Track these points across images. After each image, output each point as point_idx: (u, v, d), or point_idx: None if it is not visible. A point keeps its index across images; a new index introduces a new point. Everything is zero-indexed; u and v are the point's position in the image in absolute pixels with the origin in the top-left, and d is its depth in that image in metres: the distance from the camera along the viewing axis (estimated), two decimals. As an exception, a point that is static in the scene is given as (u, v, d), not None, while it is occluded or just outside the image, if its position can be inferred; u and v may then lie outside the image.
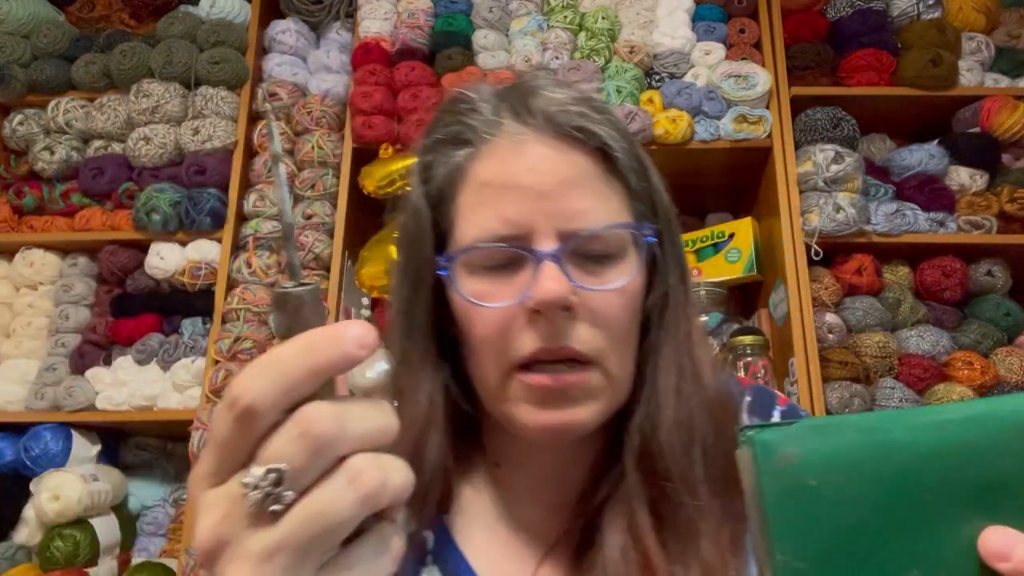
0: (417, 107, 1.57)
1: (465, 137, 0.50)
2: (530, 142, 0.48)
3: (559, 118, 0.48)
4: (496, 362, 0.48)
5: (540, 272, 0.45)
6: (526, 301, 0.46)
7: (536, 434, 0.49)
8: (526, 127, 0.49)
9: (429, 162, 0.52)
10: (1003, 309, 1.50)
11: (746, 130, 1.56)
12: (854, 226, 1.48)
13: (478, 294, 0.47)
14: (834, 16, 1.68)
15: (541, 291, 0.45)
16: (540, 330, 0.46)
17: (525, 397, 0.47)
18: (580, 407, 0.47)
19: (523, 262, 0.47)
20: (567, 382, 0.46)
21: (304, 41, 1.74)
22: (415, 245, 0.51)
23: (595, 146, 0.49)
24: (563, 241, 0.46)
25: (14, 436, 1.50)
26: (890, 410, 0.55)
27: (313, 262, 1.53)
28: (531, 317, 0.46)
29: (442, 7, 1.71)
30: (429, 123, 0.53)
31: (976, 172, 1.57)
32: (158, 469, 1.61)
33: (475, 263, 0.48)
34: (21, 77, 1.70)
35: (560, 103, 0.49)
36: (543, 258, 0.46)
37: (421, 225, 0.50)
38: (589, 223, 0.47)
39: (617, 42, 1.65)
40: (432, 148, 0.52)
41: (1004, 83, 1.64)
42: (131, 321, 1.55)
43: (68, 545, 1.37)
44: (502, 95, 0.51)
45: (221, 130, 1.61)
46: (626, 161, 0.50)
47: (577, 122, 0.48)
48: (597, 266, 0.48)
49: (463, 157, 0.50)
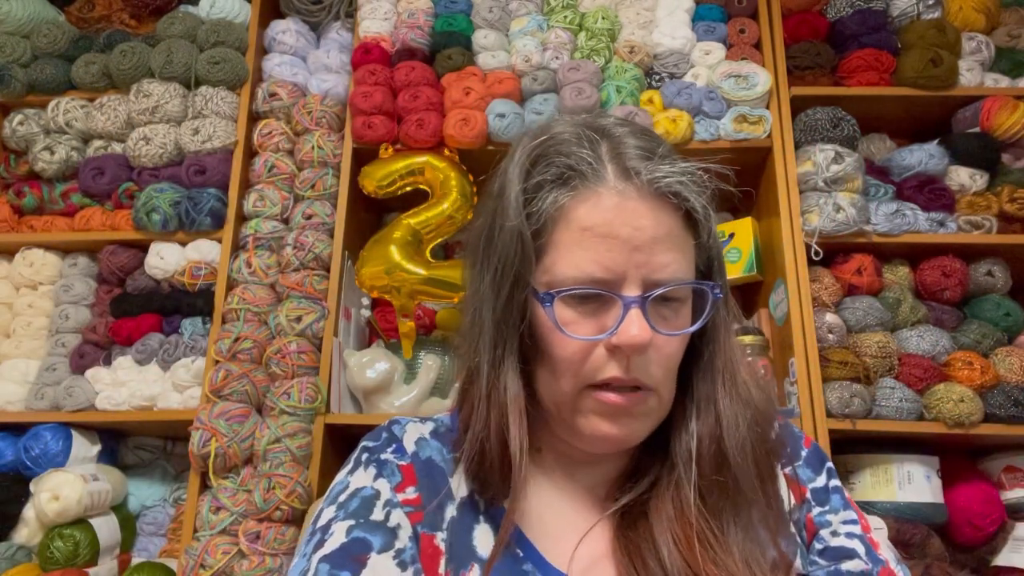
0: (417, 107, 1.57)
1: (569, 180, 0.57)
2: (632, 199, 0.55)
3: (661, 183, 0.56)
4: (573, 379, 0.57)
5: (627, 317, 0.54)
6: (612, 338, 0.55)
7: (598, 443, 0.58)
8: (630, 184, 0.56)
9: (532, 198, 0.58)
10: (1003, 309, 1.50)
11: (746, 130, 1.56)
12: (854, 226, 1.48)
13: (566, 322, 0.56)
14: (834, 16, 1.68)
15: (628, 336, 0.54)
16: (618, 362, 0.55)
17: (596, 410, 0.57)
18: (637, 423, 0.58)
19: (611, 303, 0.55)
20: (632, 401, 0.56)
21: (304, 41, 1.74)
22: (515, 268, 0.57)
23: (684, 209, 0.57)
24: (647, 289, 0.55)
25: (14, 436, 1.50)
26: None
27: (313, 262, 1.53)
28: (612, 350, 0.55)
29: (442, 7, 1.71)
30: (526, 160, 0.59)
31: (976, 172, 1.57)
32: (158, 469, 1.61)
33: (567, 296, 0.56)
34: (21, 77, 1.70)
35: (665, 171, 0.56)
36: (631, 304, 0.54)
37: (524, 256, 0.57)
38: (670, 275, 0.55)
39: (617, 42, 1.65)
40: (536, 187, 0.58)
41: (1004, 83, 1.64)
42: (131, 321, 1.55)
43: (68, 545, 1.37)
44: (604, 144, 0.58)
45: (221, 130, 1.61)
46: (704, 223, 0.59)
47: (676, 188, 0.56)
48: (667, 310, 0.57)
49: (565, 198, 0.56)
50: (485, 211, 0.63)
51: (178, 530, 1.50)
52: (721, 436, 0.58)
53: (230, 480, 1.38)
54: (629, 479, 0.63)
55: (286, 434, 1.37)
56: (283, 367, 1.44)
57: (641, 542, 0.57)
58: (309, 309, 1.48)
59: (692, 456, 0.58)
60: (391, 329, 1.65)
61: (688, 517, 0.56)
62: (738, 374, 0.61)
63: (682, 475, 0.58)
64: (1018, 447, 1.46)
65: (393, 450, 0.62)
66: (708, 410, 0.59)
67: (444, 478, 0.61)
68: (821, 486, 0.64)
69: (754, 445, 0.59)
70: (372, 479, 0.60)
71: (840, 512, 0.63)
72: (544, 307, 0.56)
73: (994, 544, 1.43)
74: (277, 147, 1.62)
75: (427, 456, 0.63)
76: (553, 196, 0.57)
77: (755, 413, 0.60)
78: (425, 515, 0.58)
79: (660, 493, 0.59)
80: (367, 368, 1.45)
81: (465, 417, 0.61)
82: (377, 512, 0.57)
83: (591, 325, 0.56)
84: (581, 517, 0.62)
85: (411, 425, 0.65)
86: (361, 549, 0.54)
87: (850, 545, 0.61)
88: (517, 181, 0.58)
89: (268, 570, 1.29)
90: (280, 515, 1.32)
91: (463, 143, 1.55)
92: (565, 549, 0.59)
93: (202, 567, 1.29)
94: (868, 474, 1.41)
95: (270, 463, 1.36)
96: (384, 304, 1.69)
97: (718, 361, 0.61)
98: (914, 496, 1.37)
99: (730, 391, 0.60)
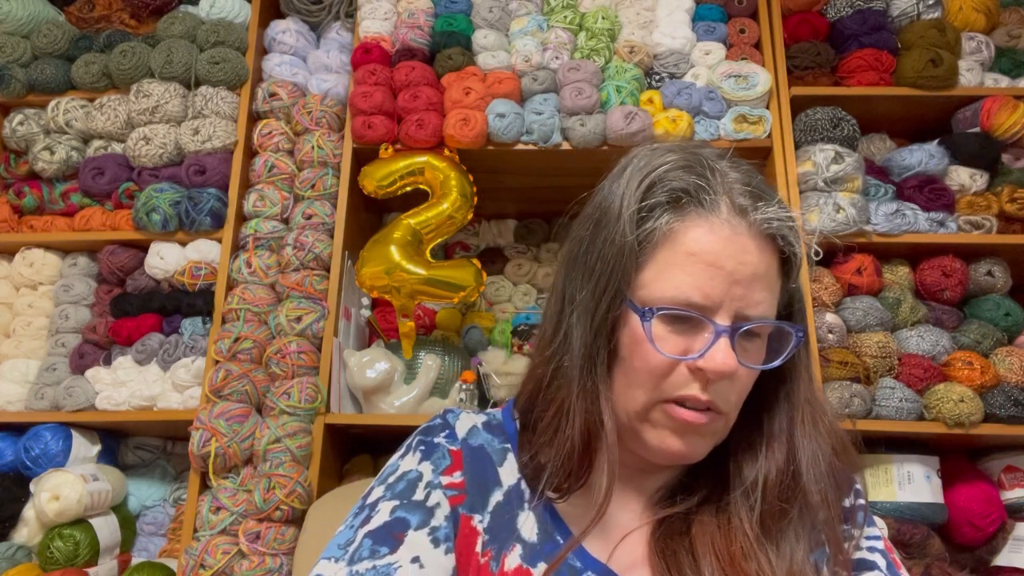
0: (417, 107, 1.57)
1: (684, 205, 0.59)
2: (743, 235, 0.58)
3: (772, 224, 0.59)
4: (650, 391, 0.59)
5: (716, 344, 0.57)
6: (699, 361, 0.57)
7: (662, 455, 0.61)
8: (743, 220, 0.59)
9: (644, 217, 0.60)
10: (1003, 309, 1.50)
11: (746, 130, 1.56)
12: (854, 226, 1.48)
13: (658, 337, 0.58)
14: (834, 16, 1.68)
15: (715, 362, 0.56)
16: (698, 383, 0.58)
17: (667, 424, 0.60)
18: (702, 442, 0.61)
19: (701, 327, 0.58)
20: (703, 421, 0.59)
21: (304, 41, 1.74)
22: (617, 280, 0.60)
23: (785, 253, 0.61)
24: (736, 321, 0.58)
25: (14, 436, 1.50)
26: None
27: (313, 262, 1.53)
28: (695, 372, 0.58)
29: (442, 7, 1.70)
30: (640, 180, 0.61)
31: (976, 172, 1.57)
32: (158, 469, 1.61)
33: (665, 314, 0.59)
34: (21, 77, 1.70)
35: (774, 213, 0.59)
36: (722, 333, 0.57)
37: (628, 270, 0.59)
38: (761, 312, 0.58)
39: (617, 42, 1.65)
40: (649, 206, 0.60)
41: (1004, 83, 1.64)
42: (131, 321, 1.55)
43: (68, 545, 1.37)
44: (715, 174, 0.60)
45: (221, 130, 1.61)
46: (798, 269, 0.62)
47: (783, 232, 0.60)
48: (748, 343, 0.60)
49: (676, 221, 0.59)
50: (584, 224, 0.65)
51: (178, 530, 1.50)
52: (799, 471, 0.60)
53: (230, 480, 1.38)
54: (676, 492, 0.65)
55: (286, 434, 1.37)
56: (283, 367, 1.44)
57: (681, 553, 0.59)
58: (309, 309, 1.48)
59: (759, 484, 0.60)
60: (391, 329, 1.65)
61: (735, 538, 0.58)
62: (819, 411, 0.63)
63: (738, 498, 0.60)
64: (1018, 447, 1.46)
65: (446, 435, 0.67)
66: (780, 443, 0.62)
67: (492, 466, 0.65)
68: (848, 506, 0.66)
69: (831, 480, 0.61)
70: (418, 462, 0.65)
71: (864, 528, 0.65)
72: (643, 321, 0.59)
73: (994, 544, 1.43)
74: (277, 147, 1.62)
75: (478, 444, 0.67)
76: (666, 218, 0.59)
77: (835, 446, 0.63)
78: (467, 498, 0.63)
79: (707, 511, 0.62)
80: (367, 368, 1.45)
81: (548, 417, 0.63)
82: (419, 492, 0.62)
83: (679, 346, 0.58)
84: (625, 518, 0.64)
85: (465, 415, 0.70)
86: (400, 527, 0.59)
87: (871, 558, 0.62)
88: (633, 200, 0.60)
89: (268, 570, 1.29)
90: (280, 515, 1.32)
91: (463, 143, 1.55)
92: (605, 545, 0.62)
93: (202, 567, 1.29)
94: (868, 474, 1.41)
95: (270, 463, 1.36)
96: (384, 304, 1.69)
97: (796, 396, 0.63)
98: (914, 496, 1.37)
99: (810, 428, 0.62)
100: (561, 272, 0.67)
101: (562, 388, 0.62)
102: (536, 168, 1.65)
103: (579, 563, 0.60)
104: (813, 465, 0.60)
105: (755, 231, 0.59)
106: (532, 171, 1.66)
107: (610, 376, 0.62)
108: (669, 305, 0.58)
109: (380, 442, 1.61)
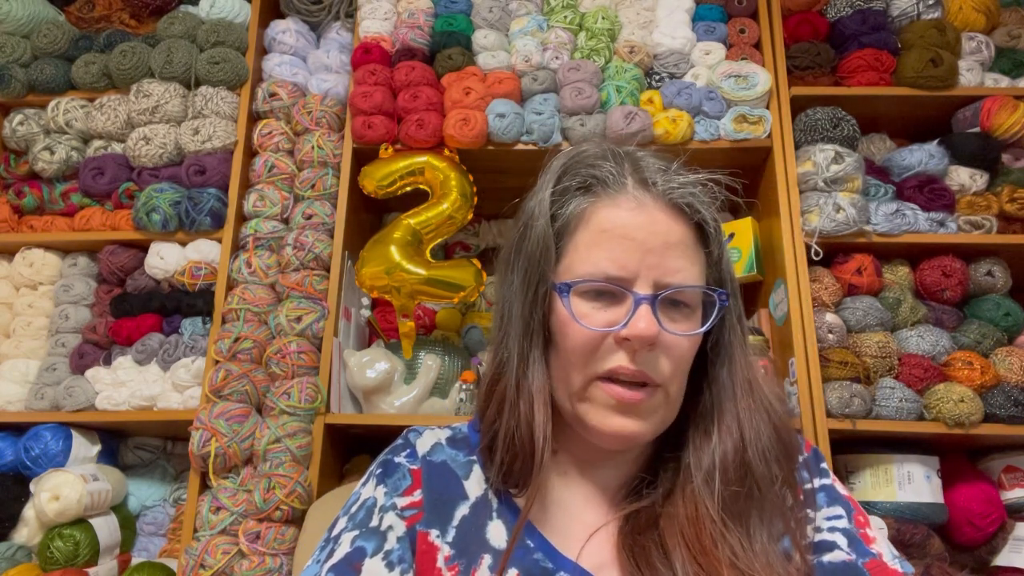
0: (417, 107, 1.57)
1: (591, 187, 0.63)
2: (648, 206, 0.61)
3: (676, 192, 0.62)
4: (583, 369, 0.60)
5: (637, 312, 0.58)
6: (622, 331, 0.58)
7: (605, 436, 0.61)
8: (647, 192, 0.61)
9: (557, 201, 0.64)
10: (1003, 309, 1.50)
11: (746, 130, 1.56)
12: (854, 226, 1.48)
13: (581, 314, 0.60)
14: (834, 16, 1.68)
15: (636, 328, 0.57)
16: (626, 353, 0.59)
17: (605, 402, 0.60)
18: (643, 421, 0.60)
19: (622, 298, 0.60)
20: (638, 398, 0.59)
21: (304, 41, 1.74)
22: (540, 266, 0.63)
23: (696, 221, 0.62)
24: (657, 290, 0.59)
25: (14, 436, 1.50)
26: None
27: (313, 262, 1.53)
28: (621, 342, 0.59)
29: (442, 7, 1.71)
30: (556, 171, 0.66)
31: (976, 172, 1.57)
32: (158, 469, 1.61)
33: (583, 290, 0.61)
34: (21, 77, 1.70)
35: (680, 183, 0.62)
36: (641, 301, 0.58)
37: (548, 254, 0.62)
38: (680, 280, 0.60)
39: (617, 42, 1.65)
40: (562, 192, 0.64)
41: (1004, 83, 1.63)
42: (131, 321, 1.55)
43: (68, 545, 1.37)
44: (626, 160, 0.64)
45: (221, 130, 1.61)
46: (714, 236, 0.63)
47: (688, 200, 0.62)
48: (677, 314, 0.61)
49: (587, 203, 0.62)
50: (518, 220, 0.68)
51: (178, 530, 1.50)
52: (744, 448, 0.61)
53: (230, 480, 1.38)
54: (640, 487, 0.65)
55: (286, 434, 1.37)
56: (283, 367, 1.44)
57: (651, 547, 0.59)
58: (309, 309, 1.48)
59: (716, 467, 0.60)
60: (391, 329, 1.65)
61: (704, 526, 0.58)
62: (756, 384, 0.64)
63: (700, 486, 0.60)
64: (1018, 447, 1.46)
65: (407, 455, 0.67)
66: (730, 423, 0.62)
67: (456, 480, 0.65)
68: (810, 488, 0.65)
69: (776, 452, 0.61)
70: (374, 488, 0.65)
71: (824, 508, 0.64)
72: (562, 298, 0.61)
73: (994, 544, 1.43)
74: (277, 147, 1.62)
75: (440, 460, 0.67)
76: (576, 201, 0.63)
77: (775, 420, 0.63)
78: (425, 515, 0.62)
79: (673, 502, 0.61)
80: (367, 368, 1.45)
81: (492, 413, 0.64)
82: (374, 519, 0.63)
83: (603, 319, 0.60)
84: (590, 516, 0.64)
85: (428, 432, 0.70)
86: (358, 557, 0.60)
87: (831, 538, 0.62)
88: (547, 187, 0.64)
89: (268, 570, 1.29)
90: (280, 515, 1.32)
91: (463, 143, 1.55)
92: (573, 544, 0.62)
93: (202, 567, 1.29)
94: (868, 474, 1.41)
95: (270, 463, 1.36)
96: (384, 304, 1.69)
97: (735, 374, 0.64)
98: (914, 496, 1.37)
99: (749, 402, 0.63)
100: (499, 274, 0.69)
101: (503, 379, 0.63)
102: (536, 168, 1.62)
103: (551, 564, 0.60)
104: (756, 440, 0.61)
105: (662, 202, 0.61)
106: (532, 171, 1.64)
107: (549, 362, 0.63)
108: (586, 278, 0.60)
109: (380, 442, 1.60)
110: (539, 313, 0.62)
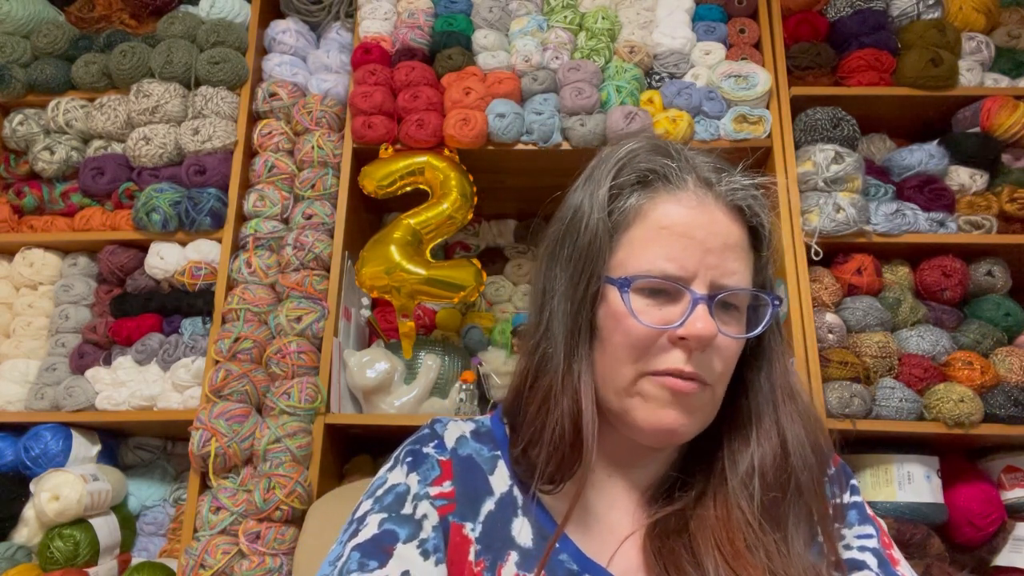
0: (417, 107, 1.57)
1: (650, 182, 0.62)
2: (709, 205, 0.60)
3: (737, 194, 0.61)
4: (635, 365, 0.60)
5: (695, 312, 0.58)
6: (679, 330, 0.58)
7: (652, 432, 0.60)
8: (709, 192, 0.61)
9: (615, 195, 0.62)
10: (1003, 309, 1.50)
11: (746, 130, 1.56)
12: (854, 226, 1.48)
13: (637, 310, 0.59)
14: (834, 16, 1.68)
15: (695, 328, 0.57)
16: (682, 353, 0.58)
17: (656, 394, 0.59)
18: (691, 417, 0.60)
19: (678, 297, 0.59)
20: (692, 389, 0.59)
21: (304, 41, 1.74)
22: (591, 262, 0.62)
23: (753, 224, 0.62)
24: (713, 291, 0.59)
25: (14, 436, 1.50)
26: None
27: (313, 262, 1.53)
28: (676, 341, 0.58)
29: (442, 7, 1.71)
30: (613, 166, 0.64)
31: (976, 172, 1.57)
32: (158, 469, 1.61)
33: (640, 286, 0.60)
34: (21, 77, 1.70)
35: (741, 184, 0.62)
36: (699, 300, 0.58)
37: (600, 247, 0.61)
38: (736, 282, 0.60)
39: (617, 42, 1.65)
40: (619, 186, 0.63)
41: (1004, 83, 1.63)
42: (131, 321, 1.55)
43: (68, 545, 1.37)
44: (682, 157, 0.63)
45: (221, 130, 1.61)
46: (767, 239, 0.63)
47: (749, 202, 0.62)
48: (727, 315, 0.60)
49: (645, 198, 0.61)
50: (558, 221, 0.67)
51: (178, 530, 1.50)
52: (787, 453, 0.60)
53: (230, 480, 1.38)
54: (670, 488, 0.65)
55: (286, 434, 1.37)
56: (283, 367, 1.44)
57: (680, 552, 0.58)
58: (309, 309, 1.48)
59: (755, 471, 0.60)
60: (391, 329, 1.65)
61: (739, 529, 0.58)
62: (796, 391, 0.64)
63: (736, 489, 0.60)
64: (1018, 447, 1.46)
65: (435, 445, 0.66)
66: (769, 428, 0.62)
67: (483, 475, 0.64)
68: (841, 503, 0.65)
69: (813, 461, 0.61)
70: (405, 475, 0.64)
71: (855, 527, 0.64)
72: (621, 293, 0.59)
73: (994, 544, 1.43)
74: (277, 147, 1.62)
75: (466, 454, 0.66)
76: (635, 197, 0.62)
77: (814, 428, 0.63)
78: (458, 507, 0.62)
79: (704, 505, 0.61)
80: (367, 368, 1.45)
81: (533, 411, 0.62)
82: (407, 506, 0.61)
83: (658, 316, 0.59)
84: (614, 517, 0.64)
85: (453, 424, 0.69)
86: (390, 540, 0.58)
87: (861, 558, 0.61)
88: (605, 181, 0.62)
89: (268, 570, 1.29)
90: (280, 515, 1.32)
91: (463, 143, 1.55)
92: (600, 547, 0.62)
93: (202, 567, 1.29)
94: (868, 474, 1.41)
95: (270, 463, 1.36)
96: (384, 304, 1.69)
97: (775, 379, 0.64)
98: (914, 496, 1.37)
99: (790, 408, 0.63)
100: (540, 269, 0.68)
101: (547, 375, 0.62)
102: (536, 168, 1.65)
103: (576, 566, 0.59)
104: (799, 446, 0.61)
105: (722, 203, 0.61)
106: (532, 171, 1.66)
107: (593, 358, 0.62)
108: (644, 274, 0.59)
109: (380, 442, 1.61)
110: (587, 308, 0.61)
